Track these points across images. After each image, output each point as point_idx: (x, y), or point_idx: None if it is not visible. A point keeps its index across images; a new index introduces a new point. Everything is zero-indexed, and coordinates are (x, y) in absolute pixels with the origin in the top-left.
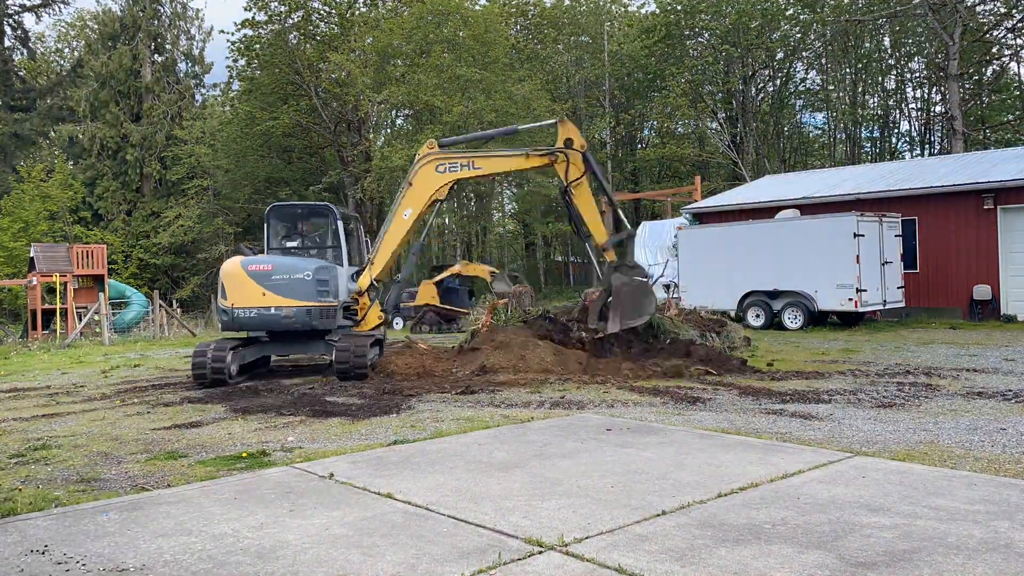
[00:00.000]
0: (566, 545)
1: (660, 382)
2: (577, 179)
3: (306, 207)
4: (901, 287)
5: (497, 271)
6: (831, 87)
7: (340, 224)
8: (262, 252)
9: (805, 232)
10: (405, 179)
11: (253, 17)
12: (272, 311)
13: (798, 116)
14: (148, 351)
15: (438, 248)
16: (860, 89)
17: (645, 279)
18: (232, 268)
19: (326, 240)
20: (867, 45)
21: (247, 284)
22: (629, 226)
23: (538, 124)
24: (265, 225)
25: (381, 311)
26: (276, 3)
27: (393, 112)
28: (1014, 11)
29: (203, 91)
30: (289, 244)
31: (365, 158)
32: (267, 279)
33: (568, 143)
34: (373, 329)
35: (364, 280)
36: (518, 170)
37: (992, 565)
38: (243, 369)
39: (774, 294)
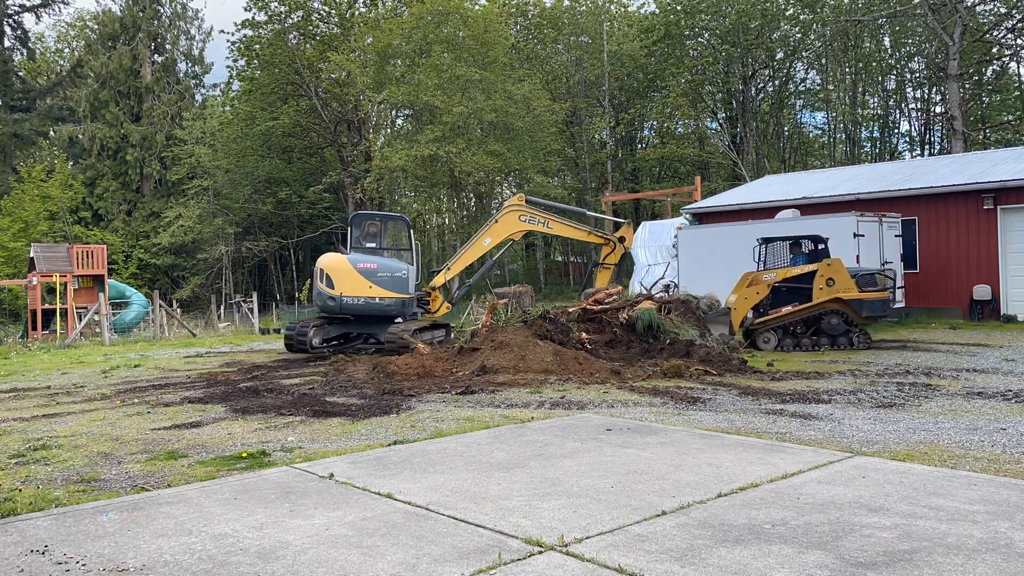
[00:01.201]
0: (566, 545)
1: (660, 382)
2: (609, 265)
3: (384, 216)
4: (901, 287)
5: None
6: (831, 87)
7: (411, 232)
8: (345, 251)
9: (805, 232)
10: (492, 216)
11: (253, 17)
12: (377, 300)
13: (798, 116)
14: (148, 351)
15: (438, 248)
16: (860, 89)
17: None
18: (341, 264)
19: (397, 244)
20: (867, 45)
21: (356, 278)
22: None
23: (607, 217)
24: (349, 228)
25: (449, 303)
26: (276, 3)
27: (393, 112)
28: (1014, 11)
29: (203, 91)
30: (368, 245)
31: (365, 158)
32: (373, 275)
33: (621, 240)
34: (440, 317)
35: (439, 279)
36: (576, 239)
37: (992, 565)
38: (327, 342)
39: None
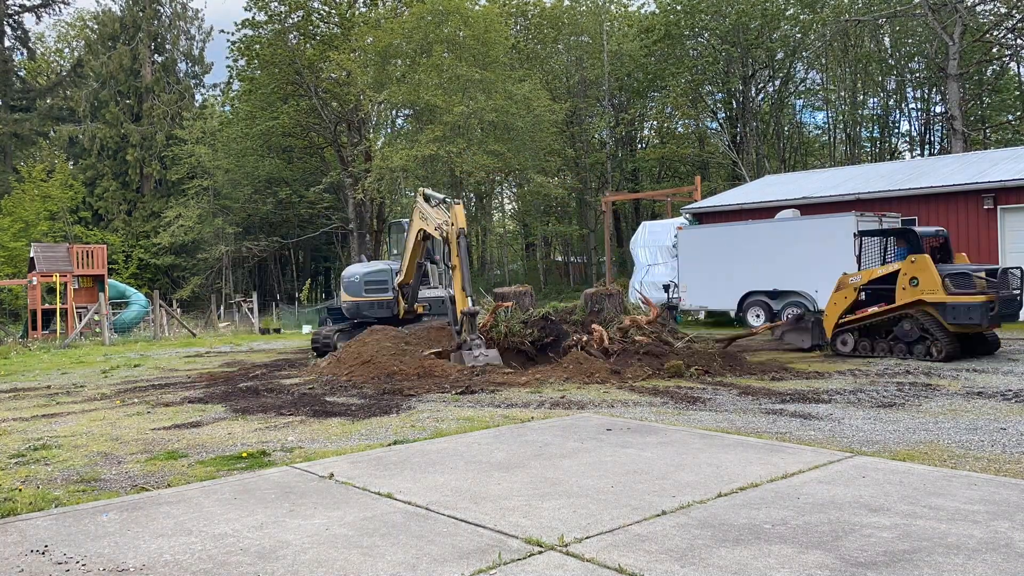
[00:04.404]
0: (566, 545)
1: (660, 382)
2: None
3: (397, 223)
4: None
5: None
6: (831, 87)
7: (394, 237)
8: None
9: (805, 232)
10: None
11: (253, 17)
12: (346, 304)
13: (798, 116)
14: (148, 351)
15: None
16: (860, 89)
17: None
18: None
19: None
20: (867, 45)
21: (343, 286)
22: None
23: (433, 195)
24: (387, 236)
25: (407, 304)
26: (276, 3)
27: (393, 112)
28: (1014, 11)
29: (203, 91)
30: (396, 252)
31: (365, 158)
32: (343, 281)
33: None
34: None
35: (396, 280)
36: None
37: (992, 565)
38: None
39: (774, 294)
